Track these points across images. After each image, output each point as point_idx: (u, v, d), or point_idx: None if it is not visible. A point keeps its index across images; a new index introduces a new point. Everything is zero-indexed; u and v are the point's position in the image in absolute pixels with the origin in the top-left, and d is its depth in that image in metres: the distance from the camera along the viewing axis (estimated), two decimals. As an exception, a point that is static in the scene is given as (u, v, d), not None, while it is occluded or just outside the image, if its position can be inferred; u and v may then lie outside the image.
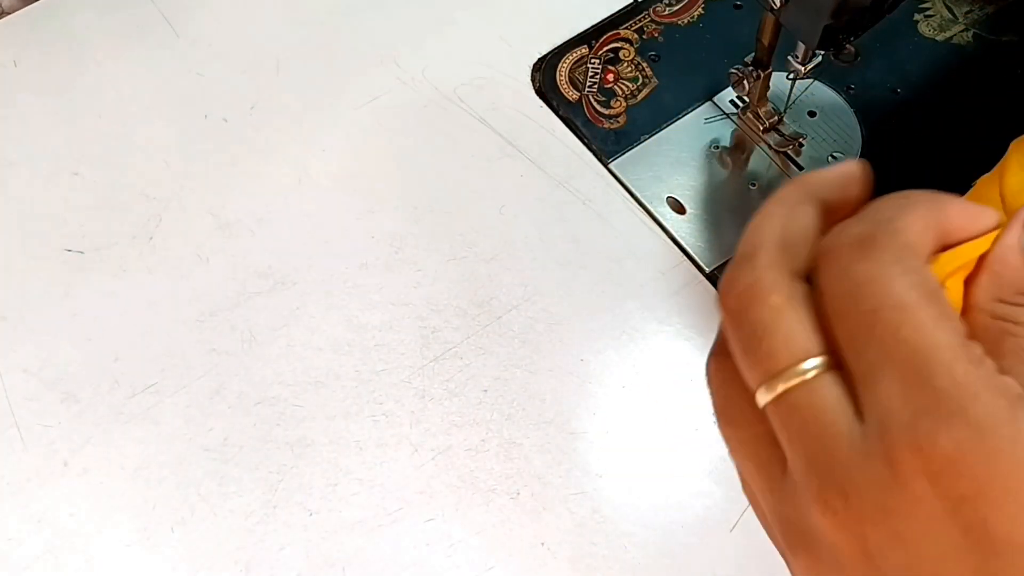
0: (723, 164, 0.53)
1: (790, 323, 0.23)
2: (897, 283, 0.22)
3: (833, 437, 0.22)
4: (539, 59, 0.56)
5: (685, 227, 0.51)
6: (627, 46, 0.56)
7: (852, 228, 0.24)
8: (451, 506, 0.44)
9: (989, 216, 0.24)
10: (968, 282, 0.25)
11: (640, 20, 0.57)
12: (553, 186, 0.52)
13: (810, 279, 0.24)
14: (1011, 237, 0.24)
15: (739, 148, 0.53)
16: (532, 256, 0.50)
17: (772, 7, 0.43)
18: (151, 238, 0.51)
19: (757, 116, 0.52)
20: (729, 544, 0.44)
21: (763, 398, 0.23)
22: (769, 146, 0.52)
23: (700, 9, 0.57)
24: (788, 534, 0.25)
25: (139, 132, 0.54)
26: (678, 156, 0.53)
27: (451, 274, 0.50)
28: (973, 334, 0.22)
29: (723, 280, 0.24)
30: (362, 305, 0.49)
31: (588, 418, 0.46)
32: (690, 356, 0.48)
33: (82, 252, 0.51)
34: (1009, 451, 0.20)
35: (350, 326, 0.48)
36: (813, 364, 0.23)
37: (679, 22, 0.57)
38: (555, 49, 0.56)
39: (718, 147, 0.53)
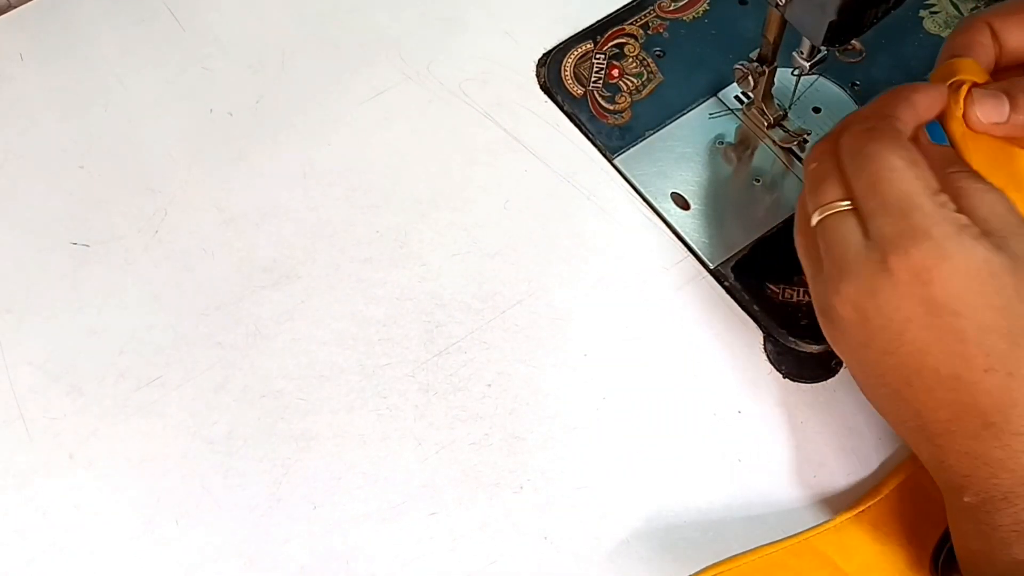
0: (727, 160, 0.53)
1: (831, 178, 0.38)
2: (891, 155, 0.36)
3: (847, 246, 0.37)
4: (544, 54, 0.56)
5: (689, 223, 0.51)
6: (632, 42, 0.56)
7: (863, 114, 0.40)
8: (454, 500, 0.45)
9: (940, 94, 0.40)
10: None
11: (645, 16, 0.57)
12: (557, 181, 0.52)
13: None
14: (922, 138, 0.40)
15: (743, 144, 0.53)
16: (536, 251, 0.50)
17: (777, 3, 0.43)
18: (156, 232, 0.51)
19: (762, 112, 0.52)
20: (735, 537, 0.44)
21: (814, 220, 0.39)
22: (773, 142, 0.52)
23: (705, 5, 0.57)
24: (819, 310, 0.40)
25: (144, 126, 0.54)
26: (682, 152, 0.53)
27: (455, 269, 0.50)
28: (946, 190, 0.36)
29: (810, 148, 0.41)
30: (366, 299, 0.49)
31: (592, 413, 0.46)
32: (693, 351, 0.48)
33: (88, 245, 0.51)
34: (953, 255, 0.34)
35: (354, 320, 0.49)
36: (841, 205, 0.38)
37: (684, 18, 0.57)
38: (560, 44, 0.56)
39: (722, 143, 0.53)
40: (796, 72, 0.48)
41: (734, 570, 0.43)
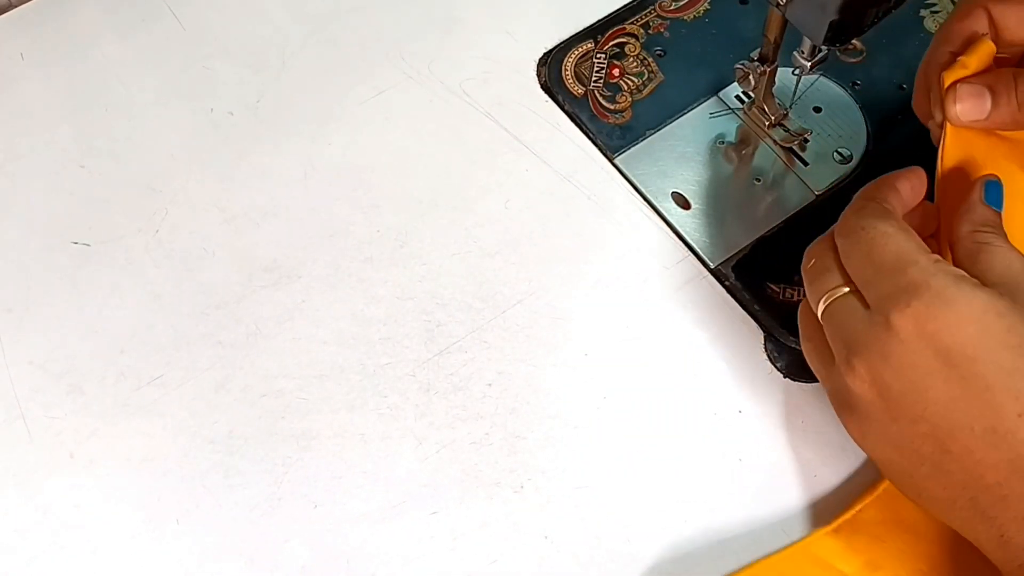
0: (728, 159, 0.53)
1: (829, 269, 0.39)
2: (881, 223, 0.37)
3: (852, 322, 0.36)
4: (545, 54, 0.56)
5: (690, 222, 0.51)
6: (633, 41, 0.56)
7: (854, 202, 0.40)
8: (455, 499, 0.45)
9: (922, 180, 0.41)
10: (946, 230, 0.40)
11: (646, 15, 0.57)
12: (558, 181, 0.52)
13: None
14: (975, 194, 0.39)
15: (744, 143, 0.53)
16: (537, 251, 0.50)
17: (778, 3, 0.43)
18: (157, 231, 0.51)
19: (763, 111, 0.52)
20: (735, 537, 0.44)
21: (819, 310, 0.39)
22: (774, 141, 0.52)
23: (706, 4, 0.57)
24: (836, 402, 0.39)
25: (145, 125, 0.54)
26: (683, 151, 0.53)
27: (456, 268, 0.50)
28: (956, 260, 0.38)
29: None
30: (367, 299, 0.49)
31: (592, 412, 0.46)
32: (694, 351, 0.48)
33: (88, 245, 0.51)
34: (955, 300, 0.34)
35: (355, 320, 0.49)
36: (842, 289, 0.38)
37: (685, 17, 0.57)
38: (561, 44, 0.56)
39: (723, 142, 0.53)
40: (797, 72, 0.48)
41: None
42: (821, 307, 0.38)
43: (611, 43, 0.56)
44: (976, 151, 0.42)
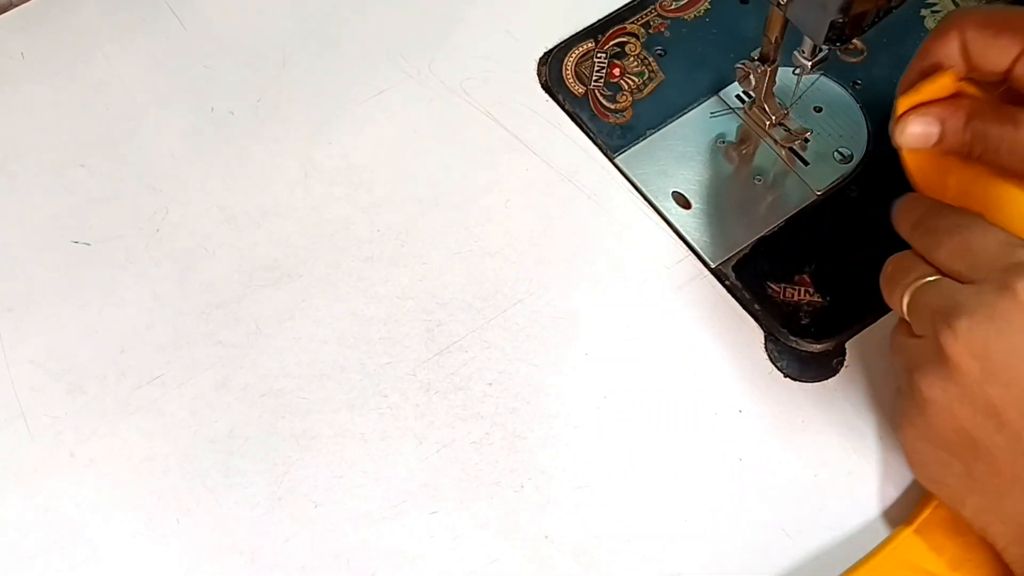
0: (728, 159, 0.53)
1: (912, 262, 0.41)
2: (971, 219, 0.39)
3: (951, 294, 0.38)
4: (545, 53, 0.56)
5: (690, 222, 0.51)
6: (633, 40, 0.56)
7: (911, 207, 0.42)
8: (455, 499, 0.45)
9: None
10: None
11: (646, 15, 0.57)
12: (558, 180, 0.52)
13: None
14: None
15: (744, 143, 0.53)
16: (537, 250, 0.50)
17: (778, 2, 0.43)
18: (157, 230, 0.51)
19: (763, 111, 0.52)
20: (735, 537, 0.44)
21: (905, 300, 0.40)
22: (775, 141, 0.52)
23: (706, 4, 0.57)
24: (914, 365, 0.39)
25: (146, 125, 0.54)
26: (683, 151, 0.53)
27: (456, 268, 0.50)
28: None
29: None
30: (367, 298, 0.49)
31: (592, 412, 0.46)
32: (694, 350, 0.48)
33: (89, 244, 0.51)
34: None
35: (355, 319, 0.49)
36: (930, 277, 0.39)
37: (685, 17, 0.57)
38: (561, 43, 0.56)
39: (724, 142, 0.53)
40: (797, 71, 0.48)
41: None
42: (907, 297, 0.40)
43: (612, 42, 0.56)
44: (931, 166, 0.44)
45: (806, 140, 0.52)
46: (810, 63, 0.47)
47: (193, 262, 0.50)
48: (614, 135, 0.53)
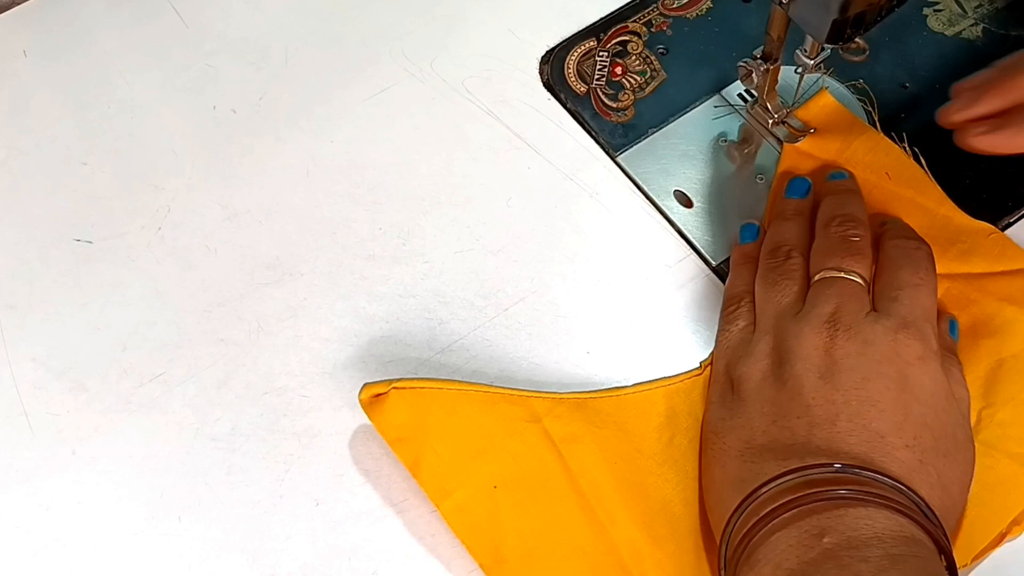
0: (730, 158, 0.53)
1: (864, 254, 0.44)
2: (932, 276, 0.44)
3: (857, 309, 0.42)
4: (547, 52, 0.56)
5: (692, 220, 0.51)
6: (635, 39, 0.56)
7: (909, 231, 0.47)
8: (457, 497, 0.44)
9: None
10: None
11: (648, 13, 0.57)
12: (560, 179, 0.52)
13: None
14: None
15: (747, 141, 0.53)
16: (539, 249, 0.51)
17: (781, 1, 0.43)
18: (159, 228, 0.51)
19: (765, 109, 0.52)
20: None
21: (820, 274, 0.44)
22: (777, 140, 0.52)
23: (708, 3, 0.57)
24: (775, 332, 0.43)
25: (148, 123, 0.55)
26: (685, 149, 0.53)
27: (458, 266, 0.50)
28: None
29: None
30: (369, 296, 0.49)
31: (594, 410, 0.46)
32: (696, 349, 0.48)
33: (91, 242, 0.51)
34: (936, 370, 0.41)
35: (357, 317, 0.49)
36: (857, 278, 0.43)
37: (687, 15, 0.57)
38: (563, 42, 0.56)
39: (726, 140, 0.53)
40: (799, 70, 0.48)
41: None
42: (829, 273, 0.43)
43: (614, 41, 0.56)
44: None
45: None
46: (812, 62, 0.47)
47: (195, 260, 0.50)
48: (616, 134, 0.53)
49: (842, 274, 0.43)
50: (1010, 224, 0.50)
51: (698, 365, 0.47)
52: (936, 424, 0.40)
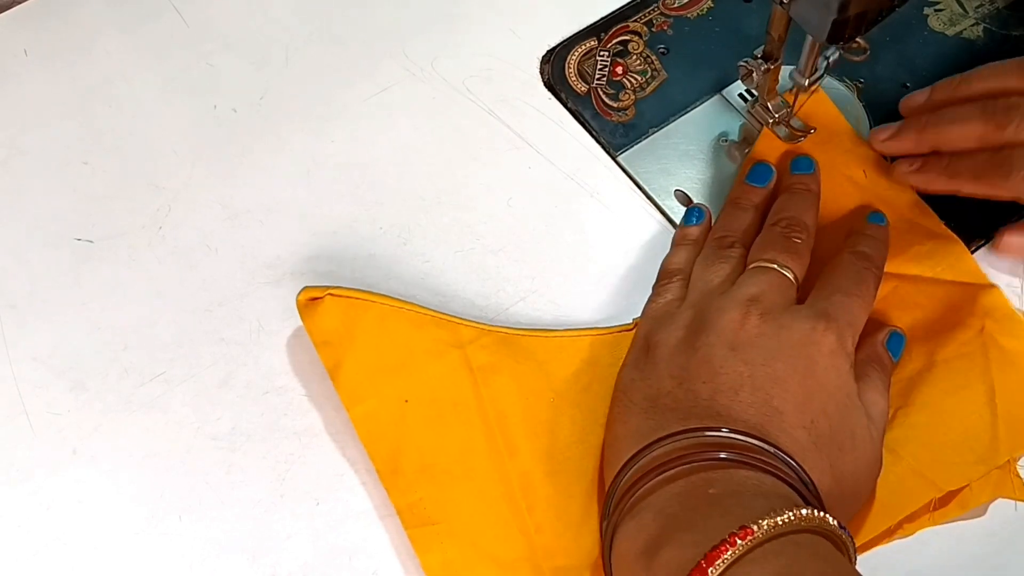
0: (731, 157, 0.53)
1: (801, 254, 0.46)
2: (873, 290, 0.45)
3: (782, 296, 0.43)
4: (548, 51, 0.56)
5: (693, 220, 0.51)
6: (636, 39, 0.56)
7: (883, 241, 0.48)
8: (457, 497, 0.44)
9: None
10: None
11: (649, 13, 0.57)
12: (561, 178, 0.52)
13: None
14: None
15: (747, 141, 0.53)
16: (539, 248, 0.51)
17: (781, 1, 0.43)
18: (160, 228, 0.51)
19: (766, 109, 0.52)
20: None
21: (766, 260, 0.45)
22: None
23: (709, 2, 0.57)
24: (701, 305, 0.44)
25: (149, 122, 0.54)
26: (686, 149, 0.53)
27: (459, 266, 0.50)
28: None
29: None
30: (370, 296, 0.49)
31: (594, 410, 0.46)
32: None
33: (91, 241, 0.51)
34: (842, 366, 0.42)
35: (358, 317, 0.49)
36: (789, 272, 0.44)
37: (688, 15, 0.57)
38: (564, 41, 0.56)
39: (726, 140, 0.53)
40: (794, 89, 0.48)
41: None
42: (762, 264, 0.44)
43: (614, 41, 0.56)
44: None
45: (809, 139, 0.52)
46: (807, 81, 0.47)
47: (195, 259, 0.50)
48: (617, 133, 0.53)
49: (775, 266, 0.44)
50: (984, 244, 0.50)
51: (631, 321, 0.47)
52: (836, 416, 0.41)
